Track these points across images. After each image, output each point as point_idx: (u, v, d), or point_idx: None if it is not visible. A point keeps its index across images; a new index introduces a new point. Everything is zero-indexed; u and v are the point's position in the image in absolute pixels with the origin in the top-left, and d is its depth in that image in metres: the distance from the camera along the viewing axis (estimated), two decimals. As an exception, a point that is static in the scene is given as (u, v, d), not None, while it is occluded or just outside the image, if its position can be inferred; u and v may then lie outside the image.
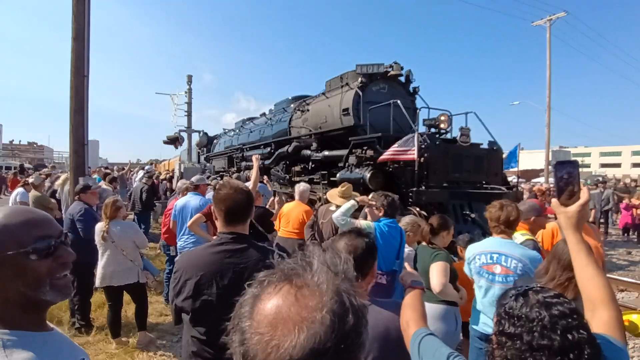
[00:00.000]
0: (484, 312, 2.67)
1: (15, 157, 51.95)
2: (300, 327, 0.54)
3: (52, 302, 0.94)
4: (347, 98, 8.60)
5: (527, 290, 1.00)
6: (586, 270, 1.13)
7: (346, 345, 0.56)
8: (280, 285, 0.60)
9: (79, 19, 6.01)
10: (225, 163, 16.16)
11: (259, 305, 0.59)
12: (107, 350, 3.96)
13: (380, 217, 3.29)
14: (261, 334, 0.55)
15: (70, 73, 6.03)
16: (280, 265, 0.63)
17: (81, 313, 4.37)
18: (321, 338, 0.53)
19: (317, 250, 0.66)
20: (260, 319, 0.57)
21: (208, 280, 1.71)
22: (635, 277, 7.29)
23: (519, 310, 0.95)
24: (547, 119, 21.74)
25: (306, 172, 9.93)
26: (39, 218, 0.94)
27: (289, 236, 5.00)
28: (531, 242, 3.16)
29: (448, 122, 7.75)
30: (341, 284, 0.60)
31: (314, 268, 0.61)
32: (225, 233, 1.82)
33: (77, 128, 6.04)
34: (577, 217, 1.16)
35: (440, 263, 2.71)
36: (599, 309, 1.07)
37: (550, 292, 0.99)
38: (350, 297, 0.60)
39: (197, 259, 1.81)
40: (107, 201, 4.10)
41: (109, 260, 3.96)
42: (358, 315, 0.59)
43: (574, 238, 1.17)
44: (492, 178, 7.45)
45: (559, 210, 1.20)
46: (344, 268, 0.64)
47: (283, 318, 0.55)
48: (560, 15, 21.55)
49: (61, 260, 0.93)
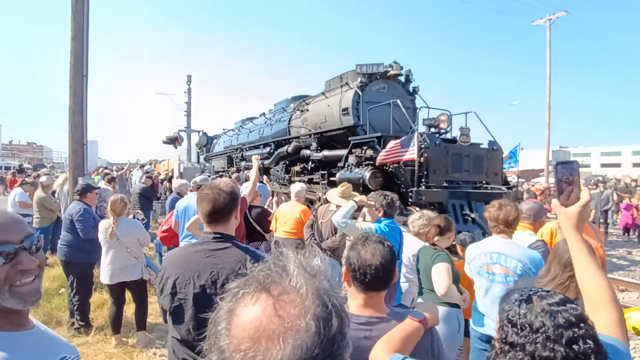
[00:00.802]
0: (484, 312, 2.66)
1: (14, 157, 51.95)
2: (285, 338, 0.51)
3: (15, 309, 0.91)
4: (346, 98, 8.60)
5: (531, 295, 0.97)
6: (587, 271, 1.12)
7: (333, 349, 0.53)
8: (257, 295, 0.55)
9: (77, 19, 6.01)
10: (225, 163, 16.17)
11: (235, 320, 0.54)
12: (106, 350, 3.95)
13: (380, 217, 3.29)
14: (243, 350, 0.51)
15: (69, 73, 6.03)
16: (254, 273, 0.59)
17: (80, 313, 4.35)
18: (308, 347, 0.51)
19: (290, 252, 0.61)
20: (240, 335, 0.52)
21: (186, 279, 1.70)
22: (635, 277, 7.28)
23: (522, 318, 0.93)
24: (547, 118, 21.75)
25: (306, 172, 9.92)
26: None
27: (286, 236, 4.98)
28: (542, 244, 3.13)
29: (448, 121, 7.75)
30: (319, 285, 0.57)
31: (290, 272, 0.58)
32: (207, 233, 1.82)
33: (76, 128, 6.04)
34: (577, 218, 1.15)
35: (443, 264, 2.69)
36: (600, 309, 1.06)
37: (555, 297, 0.96)
38: (332, 297, 0.57)
39: (178, 257, 1.83)
40: (114, 198, 4.11)
41: (115, 257, 3.98)
42: (341, 316, 0.56)
43: (574, 238, 1.16)
44: (492, 178, 7.45)
45: (559, 211, 1.18)
46: (321, 268, 0.60)
47: (265, 331, 0.51)
48: (560, 14, 21.56)
49: (20, 267, 0.89)
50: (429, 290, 2.87)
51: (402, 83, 9.08)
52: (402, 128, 7.84)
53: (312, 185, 9.40)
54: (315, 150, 9.33)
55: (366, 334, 1.37)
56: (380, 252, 1.44)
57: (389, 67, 8.61)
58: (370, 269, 1.40)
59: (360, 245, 1.49)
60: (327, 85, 9.92)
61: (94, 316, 4.64)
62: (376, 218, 3.32)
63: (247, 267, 0.62)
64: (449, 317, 2.73)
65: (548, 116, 21.68)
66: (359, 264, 1.42)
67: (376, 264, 1.41)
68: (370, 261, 1.41)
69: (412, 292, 3.38)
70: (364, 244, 1.49)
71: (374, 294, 1.44)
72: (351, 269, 1.45)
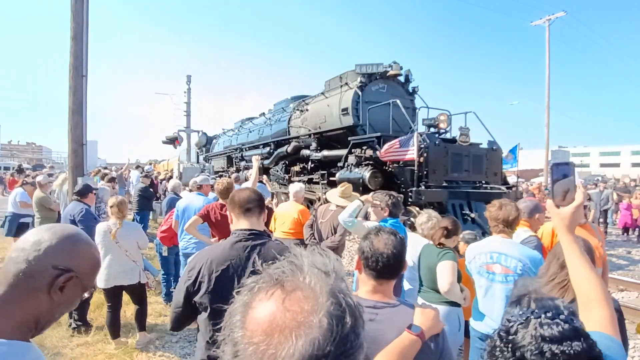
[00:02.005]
0: (484, 312, 2.66)
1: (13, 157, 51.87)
2: (298, 333, 0.51)
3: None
4: (346, 98, 8.60)
5: (528, 317, 0.91)
6: (580, 270, 1.14)
7: (346, 348, 0.53)
8: (272, 290, 0.57)
9: (77, 18, 6.00)
10: (225, 163, 16.15)
11: (250, 313, 0.56)
12: (106, 350, 3.94)
13: (385, 217, 3.29)
14: (256, 343, 0.52)
15: (68, 73, 6.02)
16: (269, 270, 0.60)
17: (78, 313, 4.34)
18: (320, 343, 0.51)
19: (304, 252, 0.63)
20: (254, 328, 0.54)
21: (229, 275, 1.74)
22: (634, 277, 7.28)
23: (514, 346, 0.88)
24: (546, 118, 21.75)
25: (305, 172, 9.92)
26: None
27: (285, 237, 4.97)
28: (534, 239, 3.15)
29: (447, 121, 7.75)
30: (334, 284, 0.58)
31: (304, 270, 0.59)
32: (242, 230, 1.88)
33: (75, 128, 6.03)
34: (570, 219, 1.17)
35: (448, 262, 2.70)
36: (593, 307, 1.08)
37: (557, 321, 0.88)
38: (346, 297, 0.57)
39: (218, 253, 1.84)
40: (116, 200, 4.08)
41: (112, 260, 3.94)
42: (355, 316, 0.57)
43: (566, 238, 1.18)
44: (491, 178, 7.45)
45: (553, 212, 1.20)
46: (335, 267, 0.61)
47: (278, 325, 0.52)
48: (560, 14, 21.56)
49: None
50: (428, 289, 2.87)
51: (401, 83, 9.08)
52: (402, 128, 7.84)
53: (311, 185, 9.40)
54: (315, 150, 9.33)
55: (372, 317, 1.42)
56: (392, 242, 1.53)
57: (389, 67, 8.61)
58: (382, 257, 1.49)
59: (373, 235, 1.58)
60: (327, 85, 9.91)
61: (94, 316, 4.63)
62: (382, 217, 3.33)
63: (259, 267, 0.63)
64: (450, 316, 2.73)
65: (547, 116, 21.68)
66: (372, 252, 1.51)
67: (388, 253, 1.50)
68: (382, 250, 1.51)
69: (414, 293, 3.38)
70: (377, 234, 1.58)
71: (383, 281, 1.52)
72: (364, 257, 1.54)
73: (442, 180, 6.75)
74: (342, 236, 4.49)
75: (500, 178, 7.66)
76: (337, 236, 4.43)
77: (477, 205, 6.57)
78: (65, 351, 3.89)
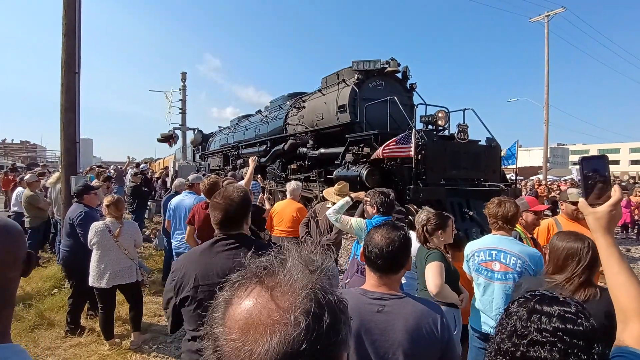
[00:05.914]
0: (483, 310, 2.61)
1: (7, 156, 51.50)
2: (272, 330, 0.51)
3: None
4: (343, 95, 8.52)
5: (528, 298, 0.94)
6: (618, 278, 1.01)
7: (323, 346, 0.53)
8: (251, 287, 0.57)
9: (69, 14, 5.90)
10: (221, 161, 16.03)
11: (230, 309, 0.56)
12: (100, 351, 3.88)
13: (375, 215, 3.25)
14: (233, 340, 0.53)
15: (60, 70, 5.92)
16: (252, 266, 0.60)
17: (72, 315, 4.26)
18: (295, 340, 0.51)
19: (292, 248, 0.63)
20: (232, 325, 0.54)
21: (205, 277, 1.76)
22: (633, 274, 7.27)
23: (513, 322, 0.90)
24: (545, 115, 21.74)
25: (302, 170, 9.84)
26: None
27: (282, 235, 4.92)
28: (516, 233, 3.09)
29: (446, 118, 7.69)
30: (317, 281, 0.57)
31: (287, 266, 0.59)
32: (220, 233, 1.90)
33: (68, 125, 5.93)
34: (607, 219, 1.05)
35: (434, 264, 2.58)
36: (631, 321, 0.96)
37: (556, 298, 0.91)
38: (327, 294, 0.57)
39: (196, 257, 1.86)
40: (113, 199, 4.05)
41: (111, 260, 3.90)
42: (335, 313, 0.56)
43: (604, 242, 1.06)
44: (490, 175, 7.40)
45: (587, 211, 1.08)
46: (321, 264, 0.60)
47: (254, 322, 0.53)
48: (559, 11, 21.51)
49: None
50: (423, 289, 2.81)
51: (399, 80, 9.02)
52: (400, 125, 7.77)
53: (309, 183, 9.33)
54: (312, 148, 9.25)
55: (379, 309, 1.47)
56: (390, 237, 1.56)
57: (386, 63, 8.54)
58: (381, 252, 1.54)
59: (374, 230, 1.63)
60: (324, 82, 9.83)
61: (88, 316, 4.57)
62: (372, 215, 3.29)
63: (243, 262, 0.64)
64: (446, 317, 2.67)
65: (546, 113, 21.67)
66: (371, 246, 1.57)
67: (384, 246, 1.54)
68: (380, 244, 1.55)
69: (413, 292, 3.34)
70: (379, 228, 1.63)
71: (383, 275, 1.55)
72: (366, 250, 1.60)
73: (440, 178, 6.69)
74: (338, 234, 4.45)
75: (499, 175, 7.61)
76: (332, 234, 4.40)
77: (476, 203, 6.52)
78: (59, 352, 3.84)
